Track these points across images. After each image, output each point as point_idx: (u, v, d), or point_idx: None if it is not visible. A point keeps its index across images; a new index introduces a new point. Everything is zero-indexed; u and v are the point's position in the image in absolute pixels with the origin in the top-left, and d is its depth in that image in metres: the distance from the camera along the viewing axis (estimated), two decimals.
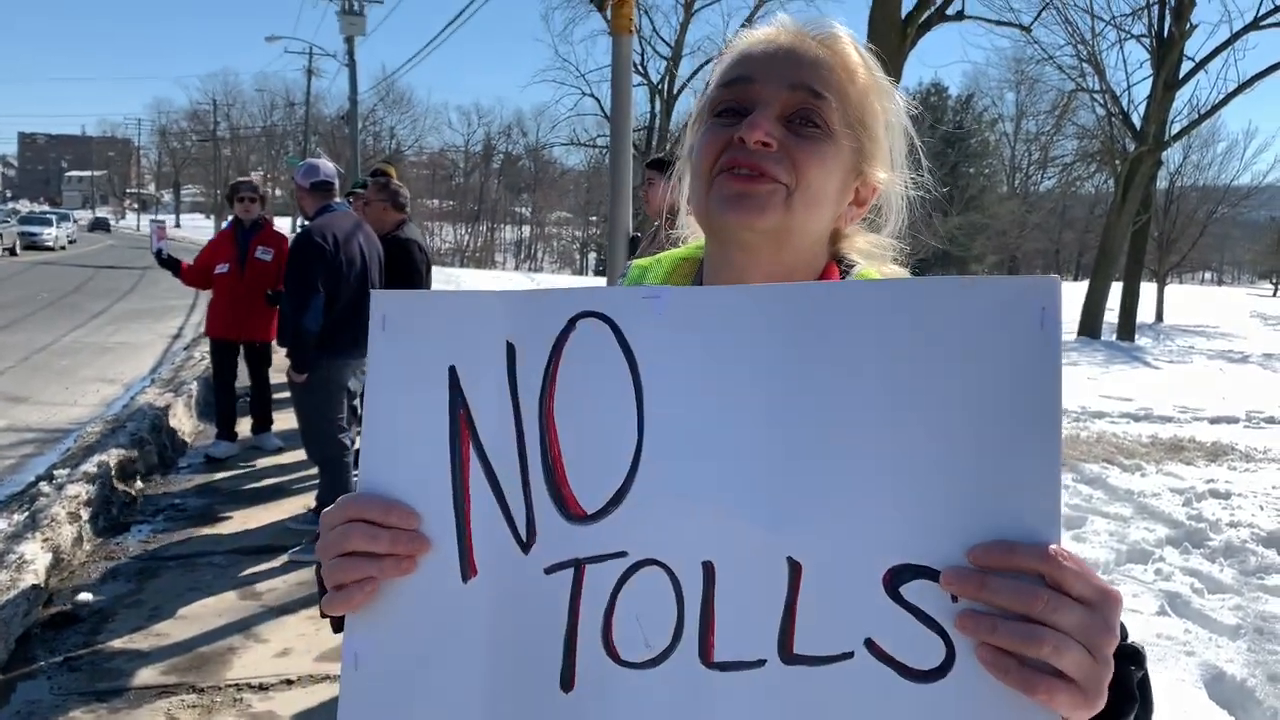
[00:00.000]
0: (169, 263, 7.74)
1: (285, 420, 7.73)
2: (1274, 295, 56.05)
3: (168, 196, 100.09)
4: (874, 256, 1.26)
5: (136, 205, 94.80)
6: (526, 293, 0.94)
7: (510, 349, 0.93)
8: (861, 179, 1.19)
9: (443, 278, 34.18)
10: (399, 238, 6.34)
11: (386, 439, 0.95)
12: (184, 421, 8.52)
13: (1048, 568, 0.76)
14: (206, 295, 8.06)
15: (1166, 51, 24.40)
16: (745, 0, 45.52)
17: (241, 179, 8.33)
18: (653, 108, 44.49)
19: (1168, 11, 24.77)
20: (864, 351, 0.83)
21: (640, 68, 42.60)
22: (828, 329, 0.85)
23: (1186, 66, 24.74)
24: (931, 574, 0.79)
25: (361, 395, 6.22)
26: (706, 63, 41.55)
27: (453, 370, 0.94)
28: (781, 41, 1.16)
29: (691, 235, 1.33)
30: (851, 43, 1.18)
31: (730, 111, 1.14)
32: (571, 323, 0.92)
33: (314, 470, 6.36)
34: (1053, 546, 0.77)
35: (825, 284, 0.90)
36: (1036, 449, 0.78)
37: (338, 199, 5.80)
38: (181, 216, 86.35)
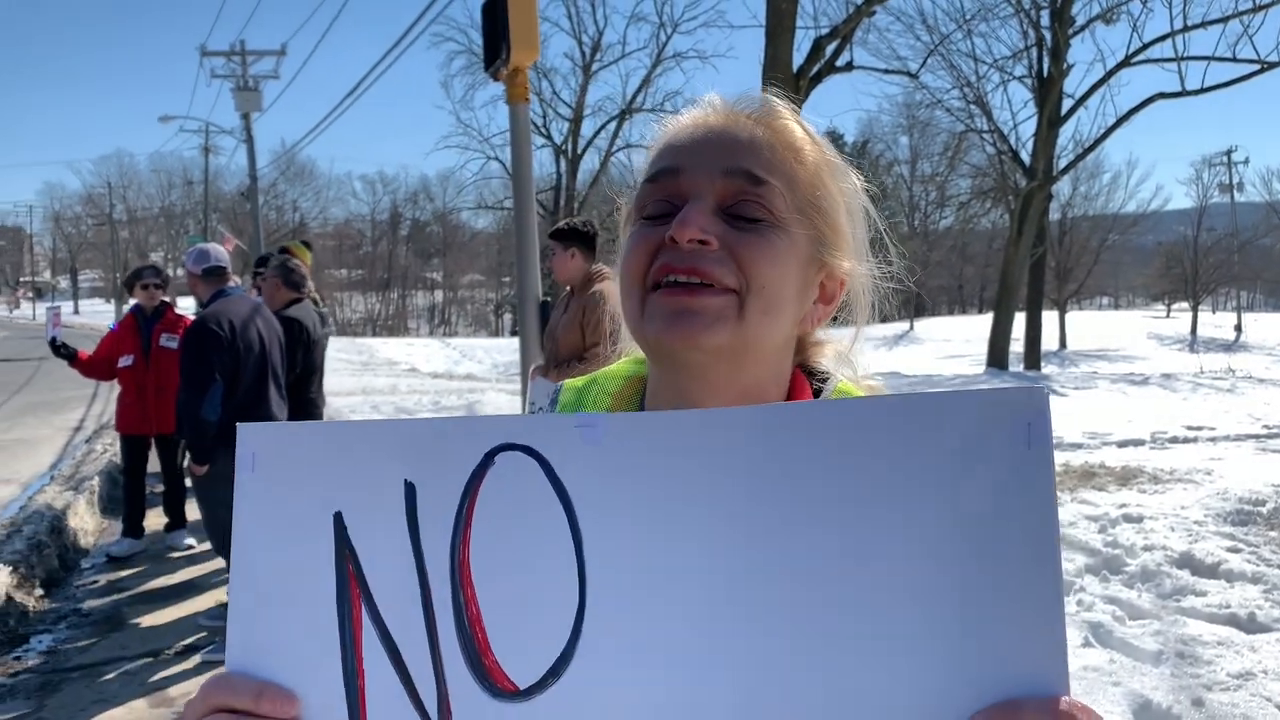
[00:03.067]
0: (64, 351, 7.43)
1: (197, 512, 7.47)
2: (1167, 316, 58.28)
3: (64, 283, 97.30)
4: (846, 362, 1.14)
5: (32, 294, 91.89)
6: (429, 421, 0.81)
7: (410, 489, 0.79)
8: (825, 272, 1.04)
9: (354, 349, 33.74)
10: (283, 315, 6.18)
11: (257, 603, 0.79)
12: (86, 519, 8.18)
13: None
14: (108, 385, 7.78)
15: (1047, 91, 25.50)
16: (642, 61, 46.36)
17: (144, 265, 8.10)
18: (558, 168, 44.86)
19: (1045, 53, 25.95)
20: (836, 487, 0.73)
21: (543, 130, 42.99)
22: (793, 460, 0.74)
23: (1067, 104, 25.94)
24: None
25: None
26: (609, 121, 42.11)
27: (338, 517, 0.79)
28: (711, 123, 1.02)
29: (632, 349, 1.18)
30: (793, 117, 1.05)
31: (661, 214, 0.99)
32: (489, 457, 0.78)
33: (225, 563, 6.15)
34: (1064, 701, 0.67)
35: (786, 406, 0.77)
36: (1034, 588, 0.69)
37: (233, 282, 5.68)
38: (80, 302, 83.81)
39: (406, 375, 25.15)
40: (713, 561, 0.74)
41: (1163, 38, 22.42)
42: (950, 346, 41.79)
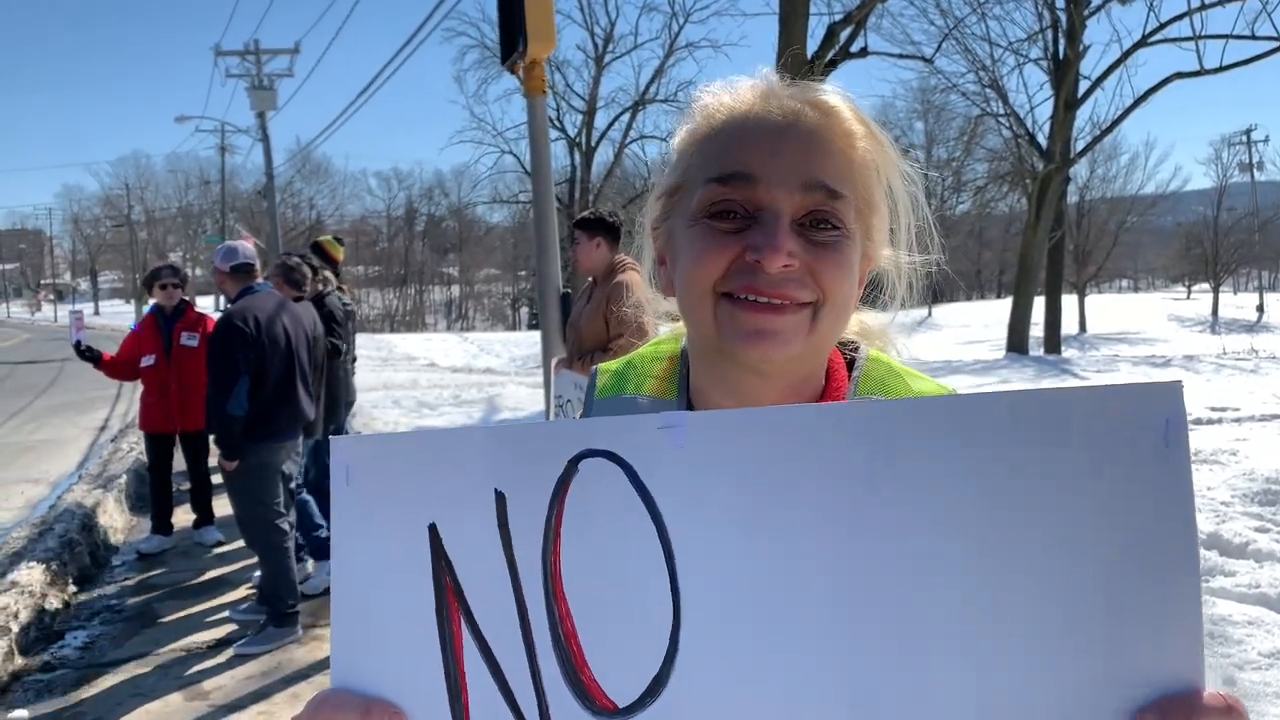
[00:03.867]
0: (88, 354, 7.50)
1: (226, 508, 7.54)
2: (1188, 298, 57.84)
3: (85, 285, 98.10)
4: (870, 335, 1.15)
5: (53, 296, 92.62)
6: (516, 429, 0.79)
7: (500, 499, 0.77)
8: (866, 259, 1.05)
9: (373, 345, 33.86)
10: None
11: (359, 617, 0.79)
12: (115, 517, 8.26)
13: None
14: (131, 385, 7.84)
15: (1064, 73, 25.32)
16: (654, 51, 46.21)
17: (161, 264, 8.14)
18: (572, 160, 44.81)
19: (1061, 35, 25.75)
20: (956, 487, 0.69)
21: (557, 123, 42.96)
22: (906, 459, 0.70)
23: (1084, 86, 25.74)
24: None
25: (302, 482, 6.09)
26: (623, 113, 42.03)
27: (433, 528, 0.78)
28: (777, 119, 0.98)
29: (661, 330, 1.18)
30: (850, 108, 1.02)
31: (729, 215, 0.97)
32: (573, 464, 0.76)
33: (255, 558, 6.20)
34: (1232, 697, 0.66)
35: (903, 402, 0.74)
36: (1174, 589, 0.67)
37: (260, 279, 5.72)
38: (100, 304, 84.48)
39: (426, 370, 25.25)
40: (817, 568, 0.71)
41: (1180, 16, 22.24)
42: (969, 332, 41.64)
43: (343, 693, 0.78)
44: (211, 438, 5.49)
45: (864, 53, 17.87)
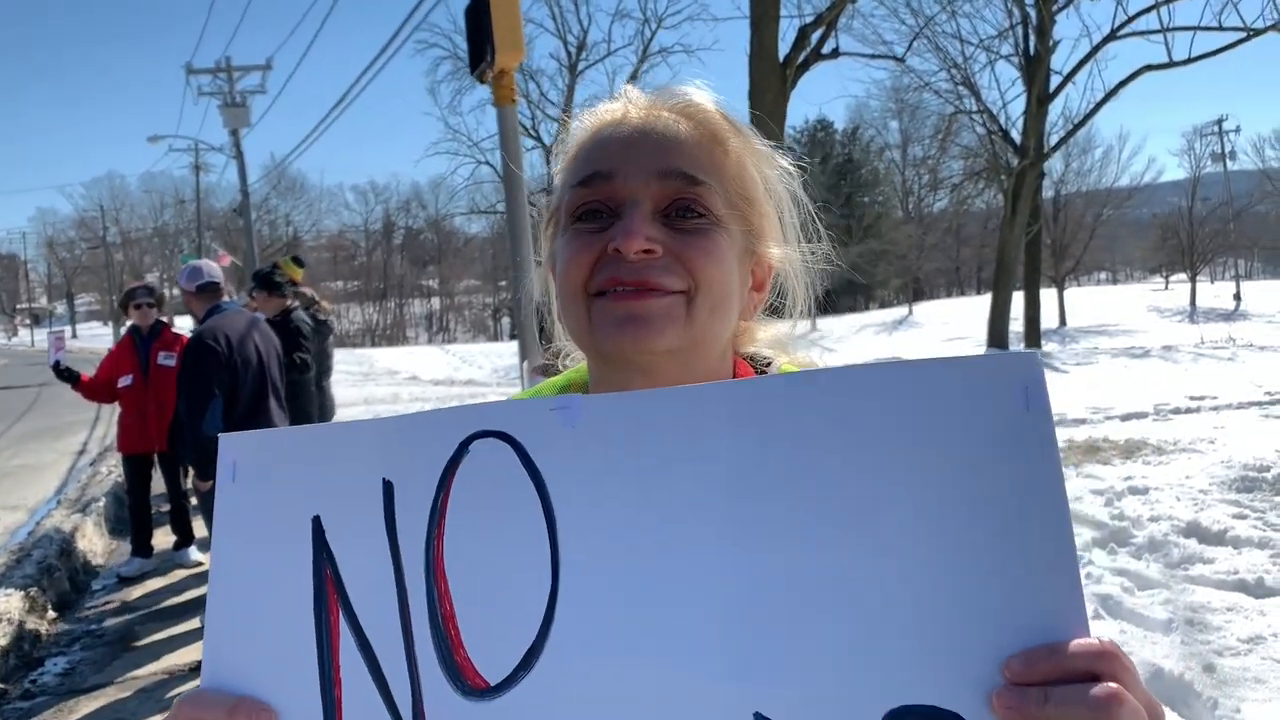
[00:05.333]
0: (67, 375, 7.44)
1: (206, 527, 7.49)
2: (1166, 289, 58.27)
3: (61, 308, 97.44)
4: (782, 347, 1.13)
5: (29, 320, 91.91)
6: (407, 417, 0.79)
7: (388, 487, 0.77)
8: (755, 259, 1.05)
9: (353, 359, 33.75)
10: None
11: (234, 614, 0.78)
12: (94, 541, 8.21)
13: (1107, 666, 0.64)
14: (109, 409, 7.79)
15: (1035, 68, 25.49)
16: (628, 58, 46.40)
17: (136, 284, 8.08)
18: (549, 168, 44.78)
19: (1031, 31, 25.94)
20: (829, 458, 0.71)
21: (532, 131, 42.95)
22: (782, 432, 0.71)
23: (1055, 80, 25.93)
24: (940, 715, 0.66)
25: None
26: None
27: (316, 521, 0.78)
28: (635, 121, 1.00)
29: (575, 354, 1.17)
30: (714, 107, 1.03)
31: (593, 214, 0.98)
32: (463, 446, 0.76)
33: None
34: (1105, 640, 0.65)
35: (780, 377, 0.75)
36: (1048, 539, 0.68)
37: (227, 298, 5.69)
38: (78, 326, 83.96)
39: (407, 384, 25.20)
40: (699, 541, 0.71)
41: (1148, 9, 22.42)
42: (950, 329, 41.82)
43: (209, 692, 0.77)
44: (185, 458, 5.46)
45: (836, 54, 17.97)
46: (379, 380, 26.75)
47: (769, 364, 1.09)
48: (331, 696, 0.76)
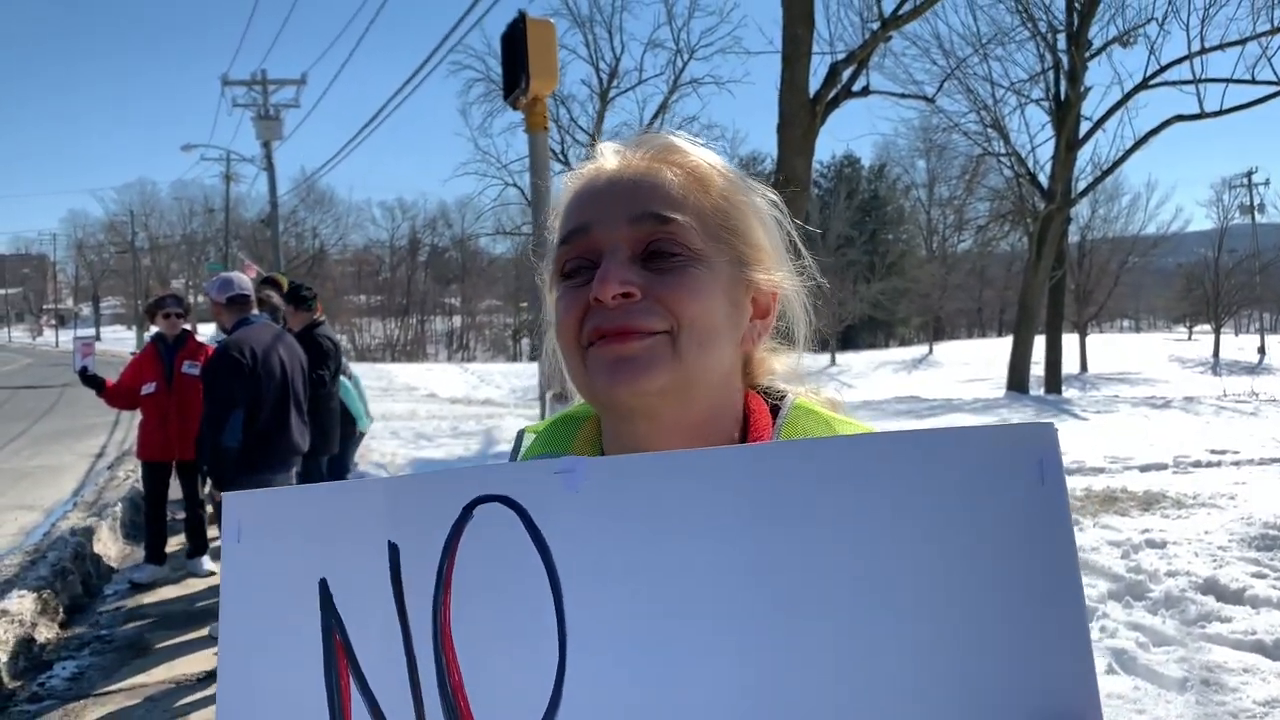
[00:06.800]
0: (92, 380, 7.50)
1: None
2: (1189, 339, 57.87)
3: (86, 310, 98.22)
4: (796, 378, 1.13)
5: (55, 321, 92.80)
6: (410, 479, 0.79)
7: (394, 551, 0.77)
8: (753, 288, 1.05)
9: (373, 374, 33.86)
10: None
11: (245, 678, 0.79)
12: (109, 546, 8.24)
13: None
14: (129, 413, 7.84)
15: (1065, 113, 25.48)
16: (658, 88, 46.66)
17: (165, 293, 8.17)
18: None
19: (1062, 76, 25.94)
20: (839, 526, 0.70)
21: (561, 156, 43.19)
22: (793, 501, 0.71)
23: (1085, 126, 25.92)
24: None
25: None
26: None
27: (324, 584, 0.78)
28: (609, 172, 1.03)
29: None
30: (689, 147, 1.06)
31: (578, 270, 1.01)
32: (467, 510, 0.76)
33: None
34: None
35: (784, 445, 0.77)
36: (1059, 622, 0.67)
37: (255, 310, 5.74)
38: (102, 329, 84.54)
39: (425, 401, 25.25)
40: (708, 608, 0.70)
41: (1180, 60, 22.46)
42: (970, 370, 41.64)
43: None
44: (204, 468, 5.49)
45: (866, 91, 18.04)
46: (397, 396, 26.83)
47: (782, 397, 1.09)
48: None
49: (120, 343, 62.38)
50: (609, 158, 1.06)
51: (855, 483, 0.70)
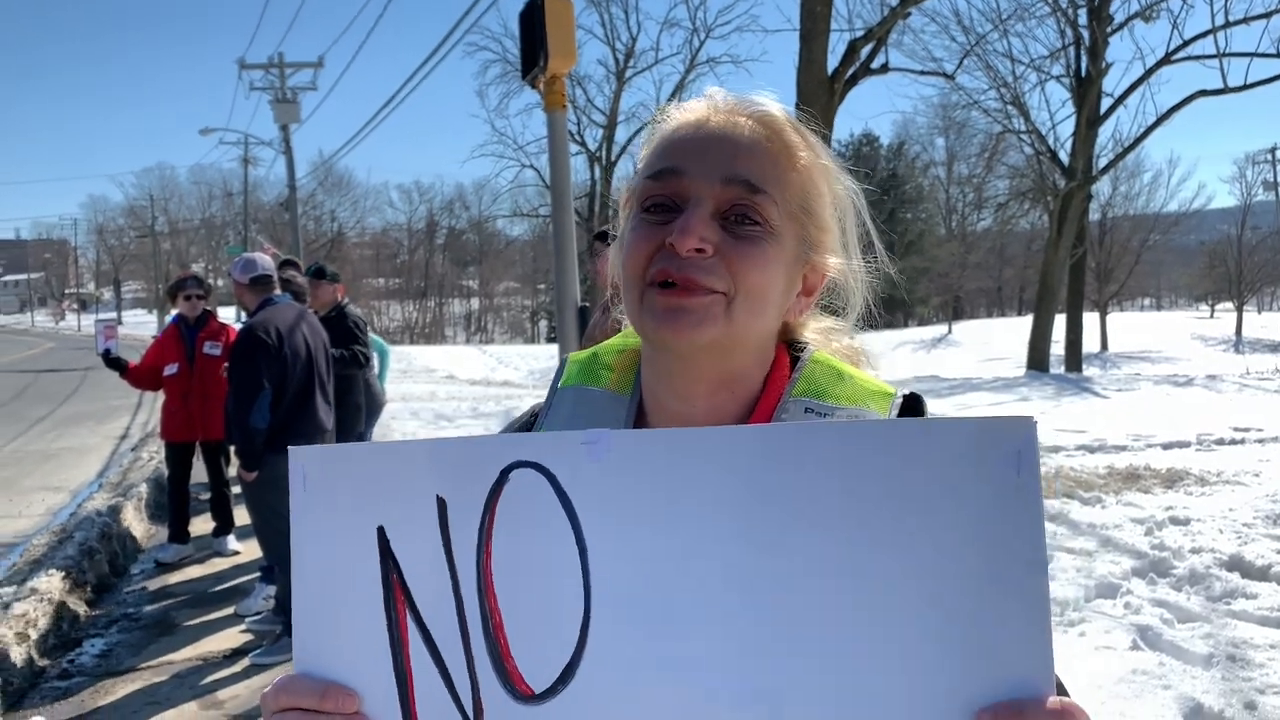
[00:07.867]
0: (116, 363, 7.57)
1: (245, 518, 7.57)
2: (1211, 317, 57.36)
3: (108, 294, 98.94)
4: (827, 338, 1.18)
5: (76, 306, 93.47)
6: (455, 441, 0.87)
7: (441, 504, 0.86)
8: (809, 267, 1.10)
9: (392, 356, 33.96)
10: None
11: (317, 610, 0.88)
12: (135, 526, 8.32)
13: None
14: (152, 395, 7.91)
15: (1086, 90, 25.23)
16: (675, 67, 46.39)
17: (186, 275, 8.22)
18: (592, 175, 45.01)
19: (1083, 52, 25.66)
20: (832, 503, 0.78)
21: (577, 137, 43.14)
22: (791, 479, 0.79)
23: (1106, 103, 25.63)
24: None
25: None
26: (643, 128, 42.22)
27: (381, 531, 0.87)
28: (713, 126, 1.06)
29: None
30: (789, 122, 1.09)
31: (660, 207, 1.04)
32: (504, 474, 0.84)
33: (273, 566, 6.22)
34: (1069, 701, 0.75)
35: (786, 428, 0.86)
36: (1025, 601, 0.75)
37: (278, 291, 5.76)
38: (123, 313, 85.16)
39: (444, 382, 25.34)
40: (713, 575, 0.79)
41: (1203, 34, 22.13)
42: (989, 349, 41.44)
43: (302, 677, 0.88)
44: (232, 448, 5.52)
45: (885, 69, 17.88)
46: (417, 377, 26.93)
47: (803, 349, 1.14)
48: (405, 687, 0.86)
49: (141, 326, 62.83)
50: (717, 107, 1.09)
51: (844, 464, 0.78)
